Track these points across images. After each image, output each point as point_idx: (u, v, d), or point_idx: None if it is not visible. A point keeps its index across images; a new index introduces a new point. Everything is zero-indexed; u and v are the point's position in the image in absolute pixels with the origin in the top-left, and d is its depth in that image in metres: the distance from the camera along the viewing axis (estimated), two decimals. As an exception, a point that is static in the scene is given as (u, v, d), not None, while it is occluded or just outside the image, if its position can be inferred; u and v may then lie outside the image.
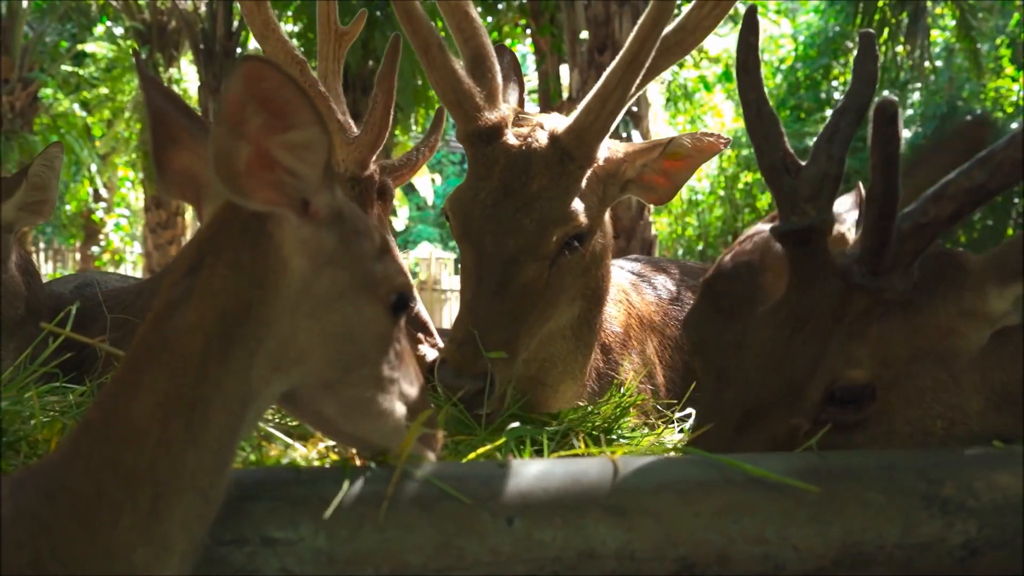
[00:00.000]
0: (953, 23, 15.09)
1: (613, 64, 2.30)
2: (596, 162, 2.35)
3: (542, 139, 2.31)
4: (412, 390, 1.48)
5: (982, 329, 1.70)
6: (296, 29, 15.18)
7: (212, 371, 1.23)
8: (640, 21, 2.27)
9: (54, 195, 2.82)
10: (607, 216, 2.52)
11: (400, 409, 1.45)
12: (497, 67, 2.40)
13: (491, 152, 2.29)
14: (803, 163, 1.84)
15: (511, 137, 2.30)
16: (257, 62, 1.19)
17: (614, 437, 2.18)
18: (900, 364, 1.68)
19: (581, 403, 2.47)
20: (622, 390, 2.36)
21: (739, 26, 1.96)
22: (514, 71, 2.82)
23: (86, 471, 1.19)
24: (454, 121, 2.36)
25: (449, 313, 17.61)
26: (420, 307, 2.84)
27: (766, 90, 1.91)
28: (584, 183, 2.33)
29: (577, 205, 2.28)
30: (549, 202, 2.24)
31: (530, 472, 1.46)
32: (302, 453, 1.64)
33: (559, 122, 2.38)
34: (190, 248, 1.32)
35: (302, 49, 14.92)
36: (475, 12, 2.42)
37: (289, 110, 1.23)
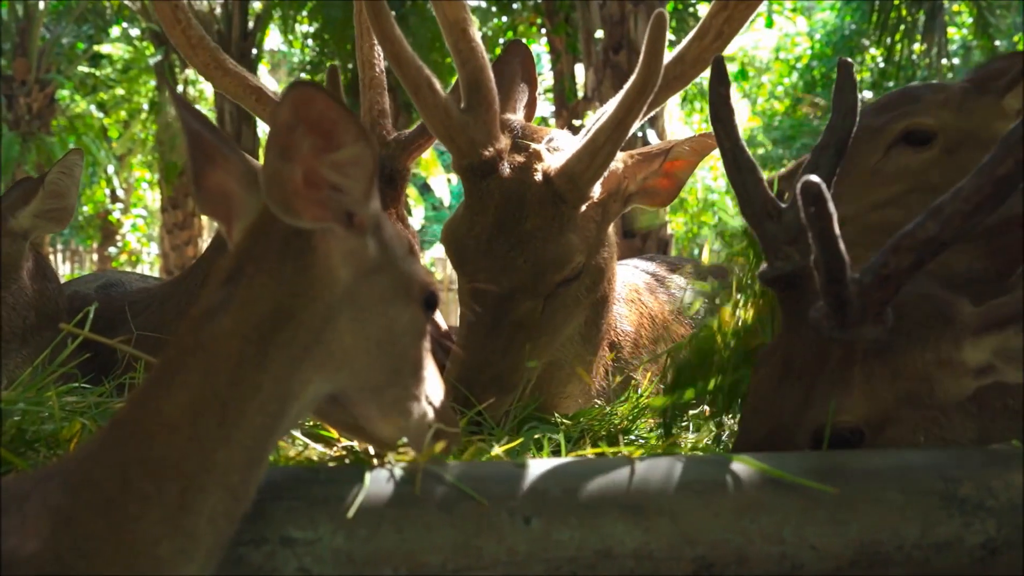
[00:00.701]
0: (970, 20, 15.02)
1: (603, 121, 2.28)
2: (591, 198, 2.35)
3: (537, 176, 2.30)
4: (437, 387, 1.51)
5: (961, 380, 1.69)
6: (311, 30, 15.24)
7: (248, 374, 1.25)
8: (627, 87, 2.26)
9: (73, 203, 2.77)
10: (611, 225, 2.52)
11: (428, 407, 1.48)
12: (495, 92, 2.37)
13: (486, 187, 2.28)
14: (784, 205, 1.84)
15: (507, 170, 2.29)
16: (306, 87, 1.23)
17: (632, 438, 2.18)
18: (888, 407, 1.69)
19: (599, 402, 2.47)
20: (639, 391, 2.36)
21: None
22: (526, 70, 2.80)
23: (113, 465, 1.20)
24: (451, 153, 2.34)
25: (464, 313, 17.58)
26: None
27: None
28: (581, 213, 2.33)
29: (573, 242, 2.29)
30: (543, 243, 2.25)
31: (547, 472, 1.47)
32: (320, 453, 1.64)
33: (559, 150, 2.38)
34: (228, 258, 1.34)
35: (317, 49, 14.99)
36: (475, 31, 2.38)
37: (337, 130, 1.26)
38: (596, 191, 2.36)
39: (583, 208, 2.33)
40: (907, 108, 2.40)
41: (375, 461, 1.54)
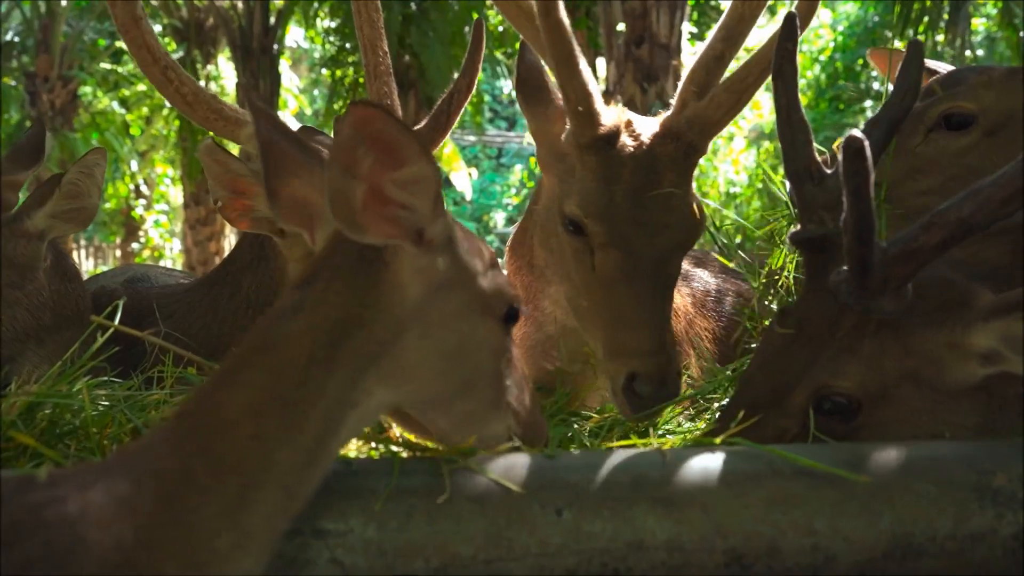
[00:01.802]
0: (995, 11, 14.89)
1: (751, 57, 2.28)
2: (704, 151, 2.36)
3: (659, 135, 2.27)
4: (521, 394, 1.52)
5: (967, 365, 1.70)
6: (332, 25, 15.27)
7: (316, 376, 1.28)
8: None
9: (94, 203, 2.73)
10: None
11: (508, 414, 1.49)
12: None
13: (615, 155, 2.23)
14: (828, 171, 1.84)
15: (630, 136, 2.26)
16: (366, 106, 1.25)
17: (661, 433, 2.18)
18: (891, 382, 1.71)
19: None
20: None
21: (776, 20, 1.96)
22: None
23: (176, 456, 1.22)
24: (575, 128, 2.25)
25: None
26: None
27: (799, 91, 1.91)
28: None
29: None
30: (682, 198, 2.23)
31: (579, 464, 1.47)
32: (355, 445, 1.65)
33: (645, 117, 2.37)
34: (307, 264, 1.37)
35: (338, 45, 15.01)
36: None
37: (398, 148, 1.28)
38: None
39: None
40: (950, 91, 2.40)
41: (404, 453, 1.54)
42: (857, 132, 1.56)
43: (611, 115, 2.24)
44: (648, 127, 2.29)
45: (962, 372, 1.70)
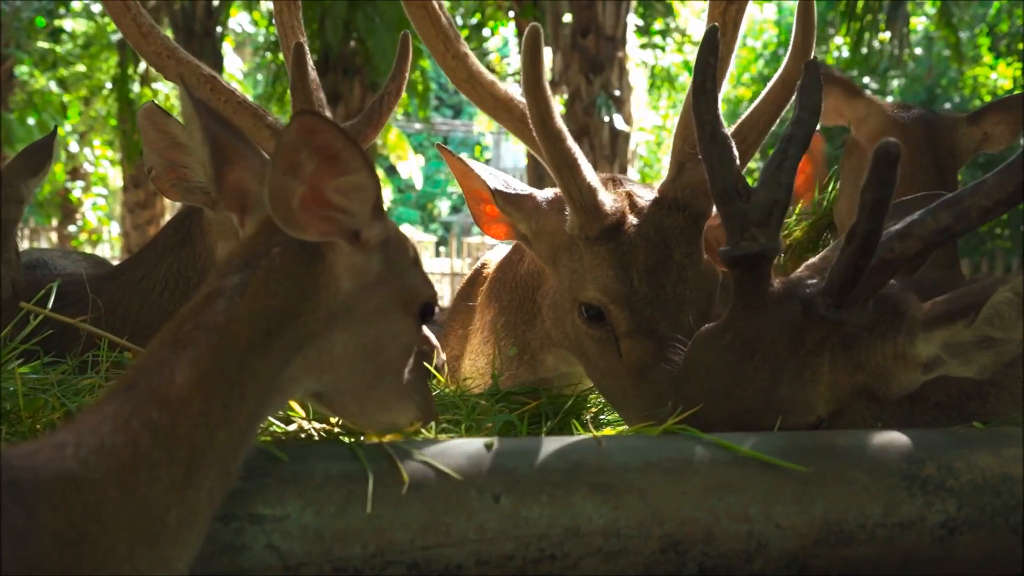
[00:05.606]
0: (933, 11, 15.14)
1: (749, 114, 2.29)
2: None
3: (666, 207, 2.22)
4: (419, 381, 1.56)
5: (911, 373, 1.73)
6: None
7: (253, 361, 1.31)
8: (779, 76, 2.32)
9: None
10: None
11: (410, 401, 1.53)
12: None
13: (625, 239, 2.16)
14: (752, 188, 1.84)
15: (633, 217, 2.19)
16: (311, 117, 1.31)
17: (604, 422, 2.19)
18: (845, 397, 1.74)
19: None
20: None
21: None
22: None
23: (126, 430, 1.22)
24: (582, 223, 2.17)
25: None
26: None
27: (721, 108, 1.90)
28: None
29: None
30: (695, 265, 2.18)
31: (517, 450, 1.48)
32: (287, 431, 1.64)
33: (641, 185, 2.34)
34: (243, 246, 1.41)
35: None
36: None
37: (341, 158, 1.34)
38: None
39: None
40: None
41: (344, 439, 1.54)
42: (893, 139, 1.52)
43: (613, 201, 2.18)
44: (650, 198, 2.24)
45: (906, 380, 1.73)
